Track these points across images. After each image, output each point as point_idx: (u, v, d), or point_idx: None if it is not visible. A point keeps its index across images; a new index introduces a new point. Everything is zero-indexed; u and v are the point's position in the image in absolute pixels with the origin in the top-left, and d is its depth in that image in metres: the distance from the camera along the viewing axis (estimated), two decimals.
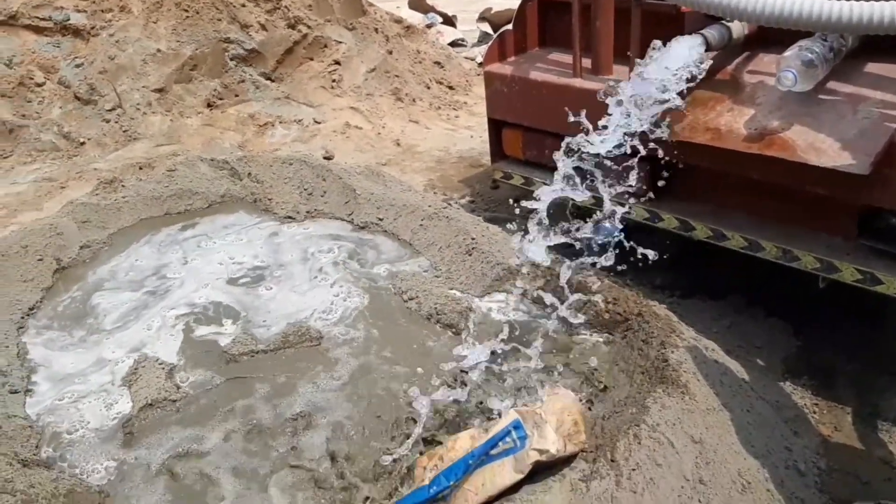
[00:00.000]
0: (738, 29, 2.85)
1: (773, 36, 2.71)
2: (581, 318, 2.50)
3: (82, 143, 5.58)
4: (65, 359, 2.56)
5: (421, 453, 2.02)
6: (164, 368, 2.41)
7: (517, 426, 1.81)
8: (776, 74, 2.49)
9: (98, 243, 3.20)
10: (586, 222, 2.31)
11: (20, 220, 4.42)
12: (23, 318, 2.77)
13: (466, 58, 7.66)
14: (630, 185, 2.38)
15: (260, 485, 2.00)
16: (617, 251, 2.29)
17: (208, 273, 2.99)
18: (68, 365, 2.53)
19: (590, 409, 2.11)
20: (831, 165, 2.28)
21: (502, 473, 1.78)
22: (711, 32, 2.68)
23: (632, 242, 2.27)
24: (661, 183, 2.77)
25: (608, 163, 2.41)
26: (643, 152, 2.38)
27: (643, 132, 2.43)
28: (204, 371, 2.43)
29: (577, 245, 2.40)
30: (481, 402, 2.17)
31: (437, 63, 7.00)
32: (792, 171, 2.42)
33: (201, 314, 2.72)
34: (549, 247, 2.32)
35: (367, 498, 1.92)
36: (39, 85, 5.80)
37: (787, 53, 2.48)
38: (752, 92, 2.74)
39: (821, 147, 2.35)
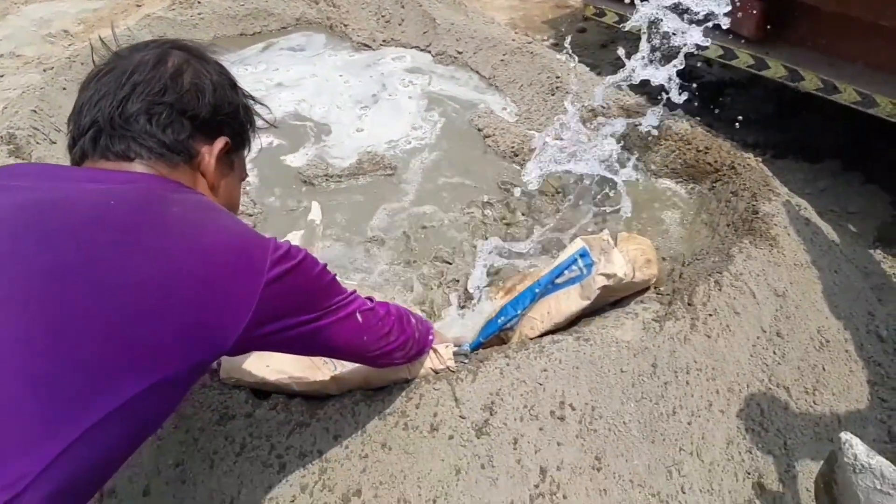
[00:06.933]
0: None
1: None
2: (666, 166, 2.39)
3: None
4: None
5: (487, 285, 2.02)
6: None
7: (583, 254, 1.72)
8: None
9: None
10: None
11: (98, 35, 4.41)
12: None
13: None
14: (739, 26, 2.16)
15: None
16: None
17: (281, 96, 2.94)
18: None
19: (665, 259, 2.04)
20: None
21: (568, 301, 1.71)
22: None
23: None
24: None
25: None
26: None
27: None
28: (280, 191, 2.44)
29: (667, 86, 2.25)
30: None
31: None
32: None
33: (275, 136, 2.69)
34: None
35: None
36: None
37: None
38: None
39: None
